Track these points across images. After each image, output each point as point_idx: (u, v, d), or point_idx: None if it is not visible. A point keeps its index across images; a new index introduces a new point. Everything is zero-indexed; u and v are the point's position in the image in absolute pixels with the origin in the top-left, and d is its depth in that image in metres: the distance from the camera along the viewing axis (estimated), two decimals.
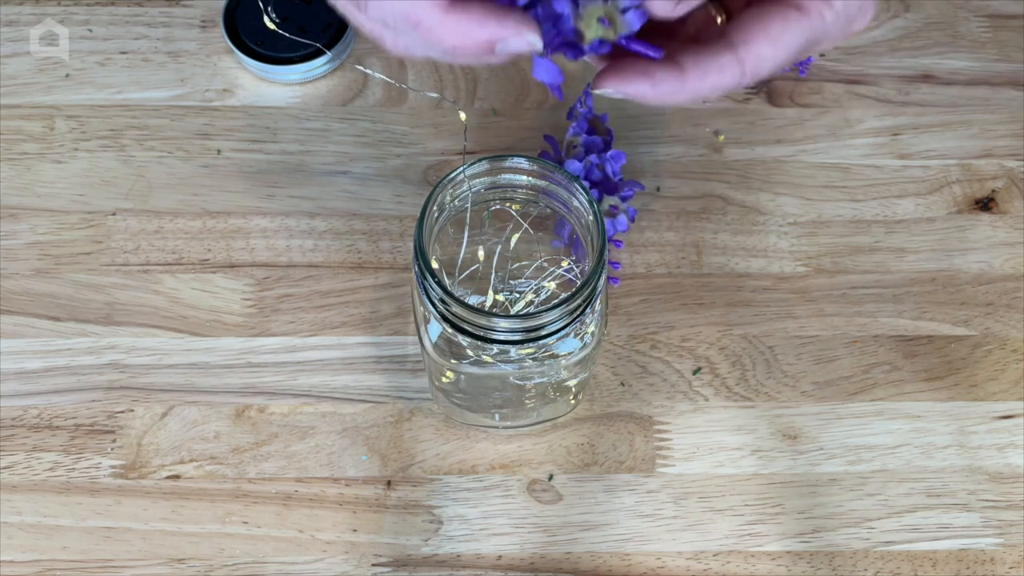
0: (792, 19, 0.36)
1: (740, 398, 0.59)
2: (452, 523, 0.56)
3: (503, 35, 0.35)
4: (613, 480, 0.57)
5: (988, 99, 0.66)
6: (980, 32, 0.68)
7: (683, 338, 0.60)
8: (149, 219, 0.62)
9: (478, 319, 0.44)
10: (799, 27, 0.36)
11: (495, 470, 0.57)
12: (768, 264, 0.62)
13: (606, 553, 0.55)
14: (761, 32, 0.36)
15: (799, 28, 0.36)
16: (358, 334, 0.59)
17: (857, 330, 0.60)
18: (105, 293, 0.60)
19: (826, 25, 0.36)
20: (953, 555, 0.56)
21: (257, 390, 0.58)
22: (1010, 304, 0.61)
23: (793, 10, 0.36)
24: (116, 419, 0.57)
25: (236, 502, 0.56)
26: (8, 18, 0.67)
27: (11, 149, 0.63)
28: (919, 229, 0.63)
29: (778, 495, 0.57)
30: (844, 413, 0.58)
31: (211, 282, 0.60)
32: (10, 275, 0.60)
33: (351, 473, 0.56)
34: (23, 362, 0.58)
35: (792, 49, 0.36)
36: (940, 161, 0.65)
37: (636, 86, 0.35)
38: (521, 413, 0.55)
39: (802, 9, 0.36)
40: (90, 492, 0.56)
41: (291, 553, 0.55)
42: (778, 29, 0.36)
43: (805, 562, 0.55)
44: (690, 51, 0.36)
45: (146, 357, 0.58)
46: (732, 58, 0.36)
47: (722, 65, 0.36)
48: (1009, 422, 0.58)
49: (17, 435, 0.57)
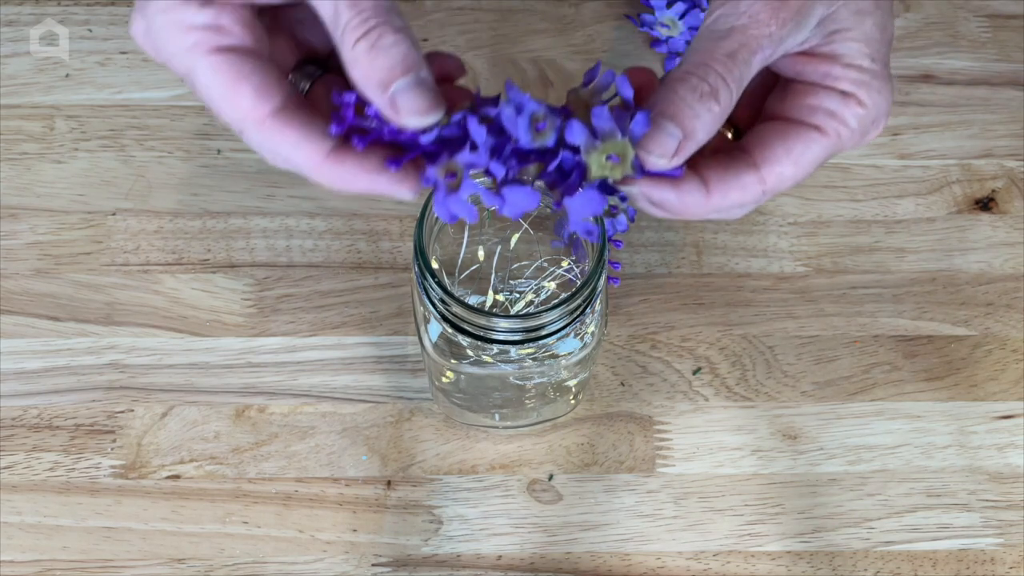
0: (813, 140, 0.37)
1: (740, 398, 0.59)
2: (452, 523, 0.56)
3: (379, 190, 0.35)
4: (613, 480, 0.57)
5: (988, 99, 0.66)
6: (980, 32, 0.68)
7: (683, 338, 0.60)
8: (149, 219, 0.62)
9: (478, 319, 0.44)
10: (819, 146, 0.37)
11: (495, 470, 0.57)
12: (768, 264, 0.62)
13: (606, 553, 0.55)
14: (784, 153, 0.37)
15: (819, 147, 0.37)
16: (358, 334, 0.59)
17: (857, 330, 0.60)
18: (105, 293, 0.60)
19: (842, 142, 0.38)
20: (953, 555, 0.56)
21: (257, 390, 0.58)
22: (1010, 304, 0.61)
23: (814, 131, 0.37)
24: (116, 419, 0.57)
25: (236, 502, 0.55)
26: (8, 18, 0.67)
27: (11, 149, 0.63)
28: (919, 229, 0.63)
29: (778, 495, 0.57)
30: (844, 413, 0.58)
31: (211, 282, 0.60)
32: (10, 275, 0.60)
33: (351, 473, 0.56)
34: (23, 362, 0.58)
35: (811, 167, 0.38)
36: (940, 161, 0.65)
37: (664, 192, 0.36)
38: (521, 413, 0.55)
39: (822, 130, 0.37)
40: (90, 492, 0.56)
41: (291, 553, 0.55)
42: (800, 151, 0.37)
43: (805, 562, 0.55)
44: (715, 169, 0.37)
45: (146, 357, 0.58)
46: (755, 177, 0.37)
47: (744, 184, 0.37)
48: (1009, 422, 0.58)
49: (17, 435, 0.57)
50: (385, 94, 0.34)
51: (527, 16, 0.68)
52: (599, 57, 0.67)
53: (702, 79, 0.35)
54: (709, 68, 0.36)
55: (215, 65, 0.35)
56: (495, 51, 0.67)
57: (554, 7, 0.69)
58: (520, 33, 0.68)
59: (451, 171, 0.35)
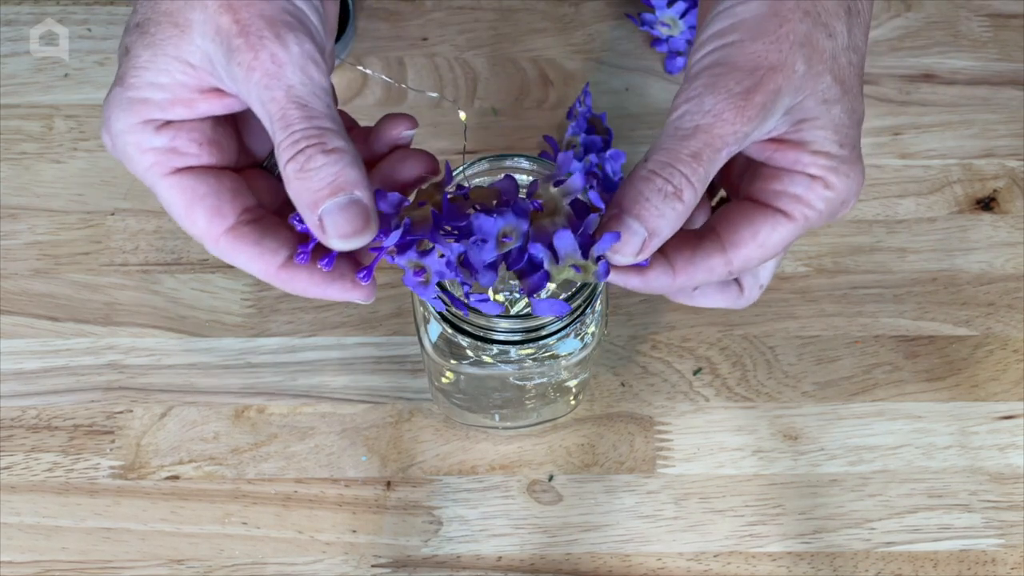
0: (779, 223, 0.38)
1: (741, 398, 0.58)
2: (452, 524, 0.55)
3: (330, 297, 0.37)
4: (613, 481, 0.57)
5: (989, 99, 0.66)
6: (981, 32, 0.68)
7: (683, 338, 0.60)
8: (148, 219, 0.61)
9: (478, 319, 0.44)
10: (785, 230, 0.38)
11: (495, 471, 0.57)
12: None
13: (606, 554, 0.55)
14: (750, 237, 0.38)
15: (785, 230, 0.38)
16: (357, 334, 0.59)
17: (858, 330, 0.60)
18: (104, 293, 0.60)
19: (810, 223, 0.38)
20: (954, 556, 0.55)
21: (256, 390, 0.58)
22: (1011, 304, 0.61)
23: (781, 215, 0.38)
24: (115, 419, 0.57)
25: (235, 503, 0.55)
26: (7, 18, 0.66)
27: (10, 149, 0.63)
28: (920, 229, 0.63)
29: (779, 496, 0.57)
30: (845, 413, 0.58)
31: (210, 282, 0.60)
32: (9, 275, 0.60)
33: (351, 474, 0.56)
34: (22, 362, 0.58)
35: (778, 248, 0.38)
36: (941, 161, 0.65)
37: (630, 280, 0.38)
38: (521, 413, 0.55)
39: (788, 215, 0.38)
40: (89, 493, 0.55)
41: (291, 554, 0.55)
42: (766, 234, 0.38)
43: (806, 563, 0.55)
44: (683, 252, 0.38)
45: (145, 357, 0.58)
46: (721, 259, 0.38)
47: (711, 266, 0.38)
48: (1010, 422, 0.58)
49: (16, 435, 0.56)
50: (314, 215, 0.34)
51: (527, 15, 0.68)
52: (599, 56, 0.67)
53: (667, 180, 0.36)
54: (673, 169, 0.36)
55: (171, 186, 0.37)
56: (495, 50, 0.67)
57: (554, 6, 0.69)
58: (520, 32, 0.68)
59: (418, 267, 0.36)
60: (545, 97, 0.66)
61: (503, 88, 0.66)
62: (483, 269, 0.36)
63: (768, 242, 0.38)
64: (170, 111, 0.36)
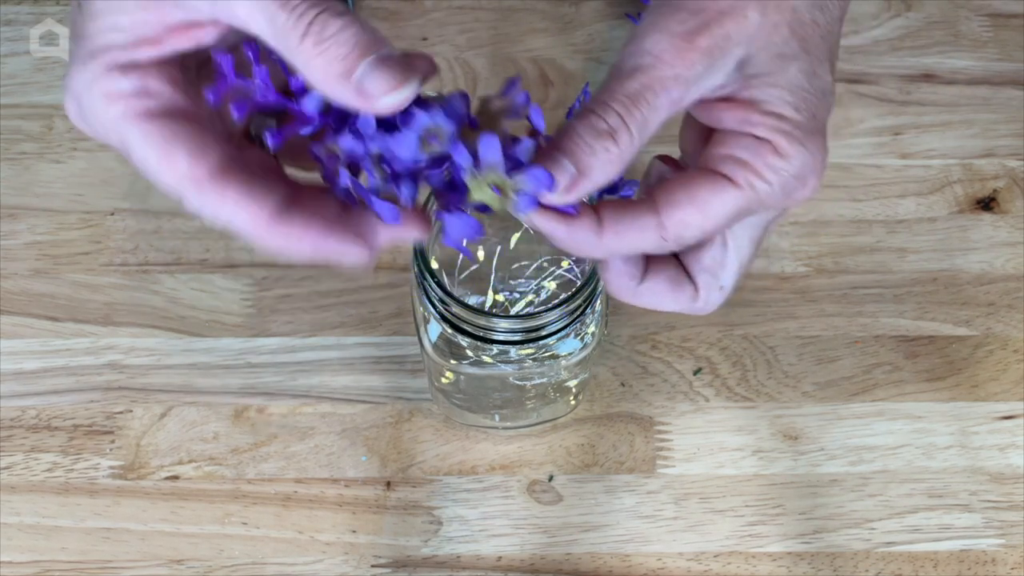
0: (720, 188, 0.35)
1: (741, 398, 0.58)
2: (452, 524, 0.55)
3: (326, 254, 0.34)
4: (613, 481, 0.57)
5: (989, 98, 0.66)
6: (981, 31, 0.68)
7: (683, 338, 0.60)
8: (147, 219, 0.61)
9: (478, 319, 0.44)
10: (728, 196, 0.35)
11: (495, 471, 0.57)
12: (769, 264, 0.61)
13: (606, 554, 0.55)
14: (686, 199, 0.34)
15: (728, 197, 0.35)
16: (357, 334, 0.59)
17: (858, 330, 0.60)
18: (104, 293, 0.60)
19: (759, 196, 0.35)
20: (954, 556, 0.55)
21: (256, 390, 0.58)
22: (1011, 304, 0.61)
23: (722, 179, 0.35)
24: (115, 420, 0.57)
25: (235, 503, 0.55)
26: (7, 18, 0.66)
27: (10, 149, 0.63)
28: (920, 229, 0.63)
29: (779, 496, 0.56)
30: (845, 413, 0.58)
31: (210, 282, 0.60)
32: (9, 275, 0.60)
33: (351, 474, 0.56)
34: (21, 362, 0.58)
35: (720, 218, 0.35)
36: (941, 161, 0.65)
37: (552, 224, 0.35)
38: (521, 413, 0.55)
39: (733, 181, 0.34)
40: (89, 493, 0.55)
41: (290, 554, 0.54)
42: (705, 196, 0.34)
43: (806, 563, 0.55)
44: (611, 207, 0.35)
45: (145, 357, 0.58)
46: (653, 220, 0.35)
47: (642, 226, 0.35)
48: (1010, 422, 0.58)
49: (15, 436, 0.56)
50: (349, 85, 0.31)
51: (527, 15, 0.68)
52: (600, 56, 0.67)
53: (600, 117, 0.34)
54: (608, 107, 0.34)
55: (146, 130, 0.33)
56: (495, 50, 0.67)
57: (554, 6, 0.69)
58: (520, 32, 0.68)
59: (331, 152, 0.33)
60: (545, 97, 0.66)
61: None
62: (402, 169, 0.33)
63: (708, 208, 0.34)
64: (135, 52, 0.33)
